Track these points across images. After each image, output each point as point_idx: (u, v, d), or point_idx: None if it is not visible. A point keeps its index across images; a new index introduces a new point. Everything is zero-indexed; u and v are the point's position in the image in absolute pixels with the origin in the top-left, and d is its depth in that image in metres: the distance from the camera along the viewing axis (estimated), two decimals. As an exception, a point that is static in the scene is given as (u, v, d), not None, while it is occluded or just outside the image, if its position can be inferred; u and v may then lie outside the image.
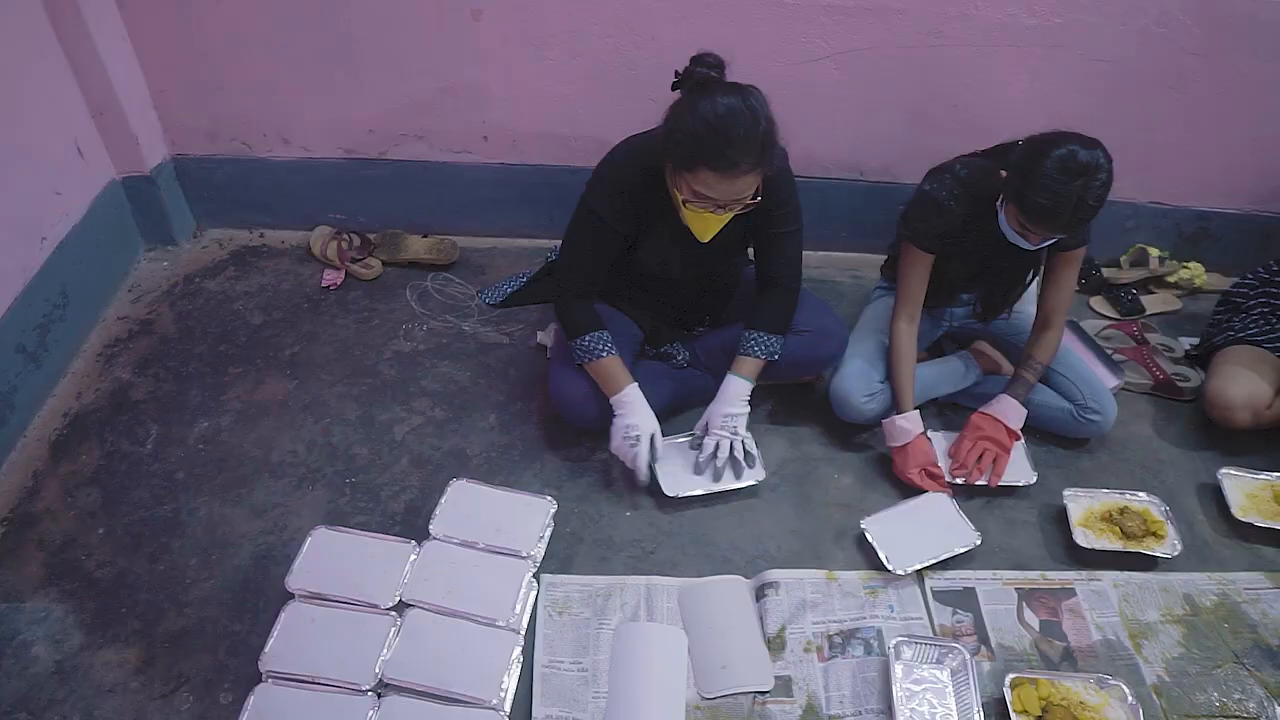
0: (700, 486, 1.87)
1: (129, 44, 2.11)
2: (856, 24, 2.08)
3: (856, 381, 1.95)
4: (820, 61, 2.12)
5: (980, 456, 1.94)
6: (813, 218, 1.99)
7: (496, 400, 2.08)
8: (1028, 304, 2.12)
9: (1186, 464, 2.07)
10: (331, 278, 2.31)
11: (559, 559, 1.78)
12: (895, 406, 1.95)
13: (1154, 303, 2.43)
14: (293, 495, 1.86)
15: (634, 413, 1.83)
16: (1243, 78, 2.17)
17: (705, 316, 2.07)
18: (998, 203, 1.77)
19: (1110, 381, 2.17)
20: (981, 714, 1.56)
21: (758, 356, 1.87)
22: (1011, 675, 1.62)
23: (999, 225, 1.78)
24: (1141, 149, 2.30)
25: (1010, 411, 1.97)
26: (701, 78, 1.58)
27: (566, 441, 1.99)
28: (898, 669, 1.61)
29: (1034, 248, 1.77)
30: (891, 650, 1.61)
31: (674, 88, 1.61)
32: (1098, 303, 2.43)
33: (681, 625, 1.70)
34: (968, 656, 1.62)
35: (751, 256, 1.95)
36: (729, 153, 1.54)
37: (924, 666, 1.63)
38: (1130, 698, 1.59)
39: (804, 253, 1.92)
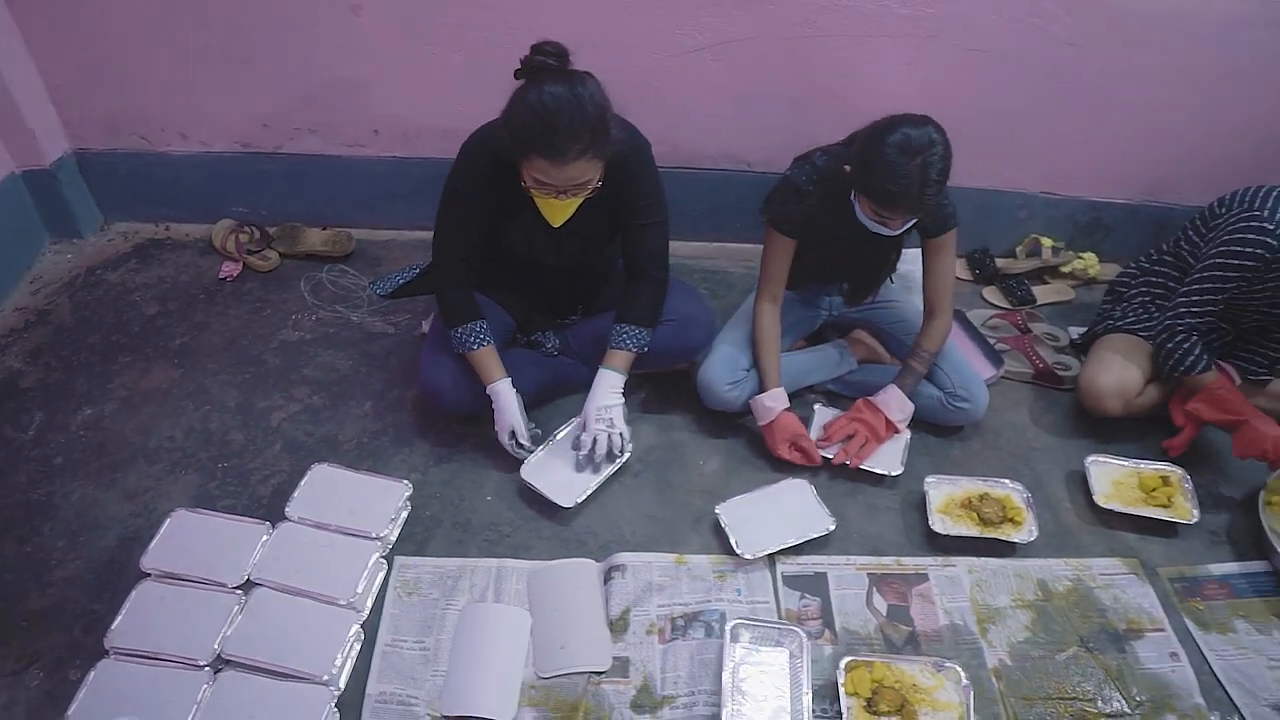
0: (587, 485, 1.88)
1: (19, 38, 2.15)
2: (729, 15, 2.10)
3: (720, 369, 1.97)
4: (697, 53, 2.15)
5: (851, 436, 1.97)
6: (705, 209, 2.03)
7: (375, 388, 2.11)
8: (911, 293, 2.14)
9: (1059, 451, 2.07)
10: (229, 270, 2.36)
11: (416, 541, 1.81)
12: (760, 386, 1.98)
13: (1047, 293, 2.43)
14: (165, 479, 1.90)
15: (503, 410, 1.88)
16: (1121, 67, 2.18)
17: (578, 305, 2.09)
18: (850, 197, 1.79)
19: (988, 372, 2.18)
20: (810, 695, 1.57)
21: (628, 349, 1.90)
22: (848, 658, 1.63)
23: (857, 215, 1.81)
24: (1028, 139, 2.32)
25: (893, 402, 1.98)
26: (538, 66, 1.61)
27: (436, 427, 2.02)
28: (736, 651, 1.62)
29: (896, 233, 1.79)
30: (728, 632, 1.63)
31: (516, 76, 1.65)
32: (990, 293, 2.44)
33: (528, 607, 1.74)
34: (804, 639, 1.64)
35: None
36: (556, 140, 1.57)
37: (762, 649, 1.65)
38: (964, 680, 1.60)
39: (698, 244, 1.95)
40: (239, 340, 2.21)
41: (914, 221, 1.77)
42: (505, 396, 1.87)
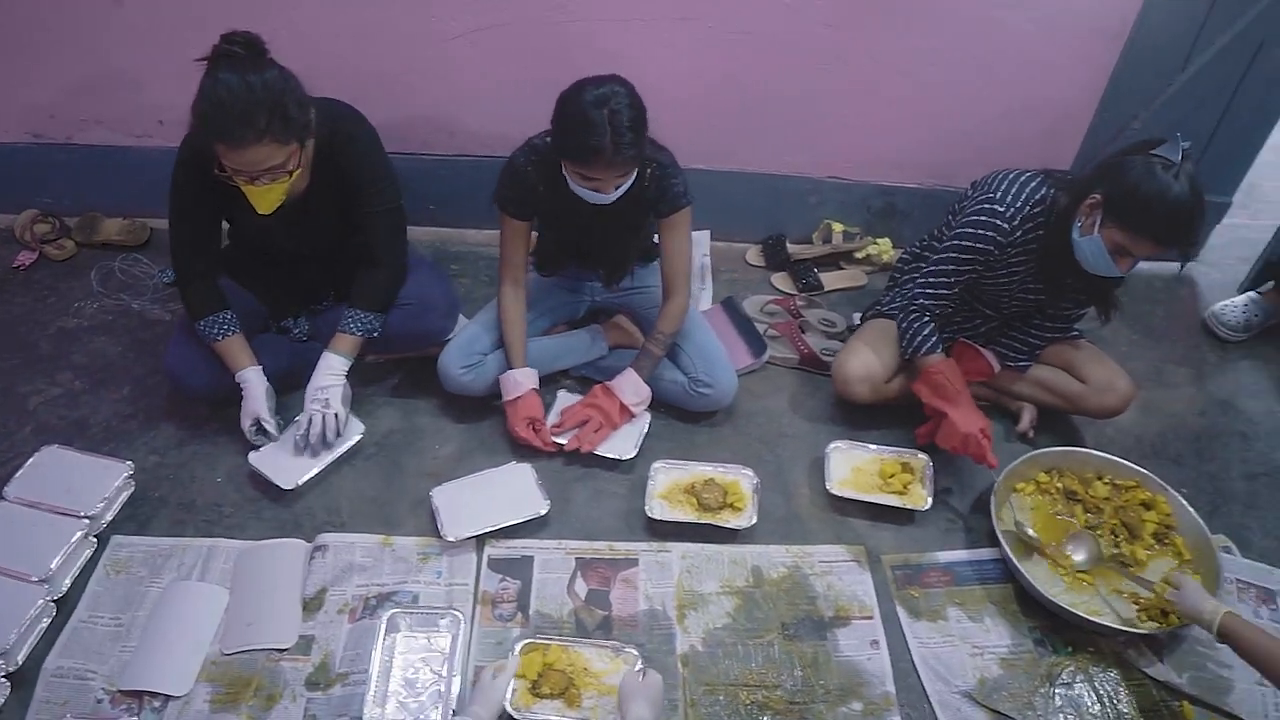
0: (308, 468, 1.89)
1: None
2: (482, 1, 2.09)
3: (455, 354, 1.97)
4: (456, 40, 2.15)
5: (585, 422, 1.96)
6: (486, 196, 2.02)
7: (138, 374, 2.14)
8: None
9: (811, 437, 2.04)
10: (23, 258, 2.39)
11: (139, 521, 1.83)
12: (509, 365, 1.97)
13: (839, 279, 2.39)
14: (-88, 461, 1.96)
15: (249, 398, 1.90)
16: (889, 49, 2.14)
17: (330, 291, 2.11)
18: (563, 170, 1.79)
19: (745, 359, 2.15)
20: (460, 678, 1.57)
21: (355, 334, 1.90)
22: (525, 641, 1.62)
23: (572, 188, 1.79)
24: (806, 123, 2.29)
25: (627, 386, 1.97)
26: (222, 54, 1.63)
27: (184, 411, 2.04)
28: (396, 639, 1.63)
29: (609, 198, 1.77)
30: (384, 620, 1.63)
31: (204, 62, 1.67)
32: (780, 279, 2.41)
33: (229, 586, 1.75)
34: (461, 622, 1.64)
35: None
36: (229, 125, 1.58)
37: (420, 633, 1.64)
38: (638, 665, 1.58)
39: (487, 232, 1.96)
40: (17, 328, 2.25)
41: (629, 187, 1.76)
42: (253, 385, 1.90)
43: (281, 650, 1.64)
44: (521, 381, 1.94)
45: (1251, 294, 2.37)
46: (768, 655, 1.67)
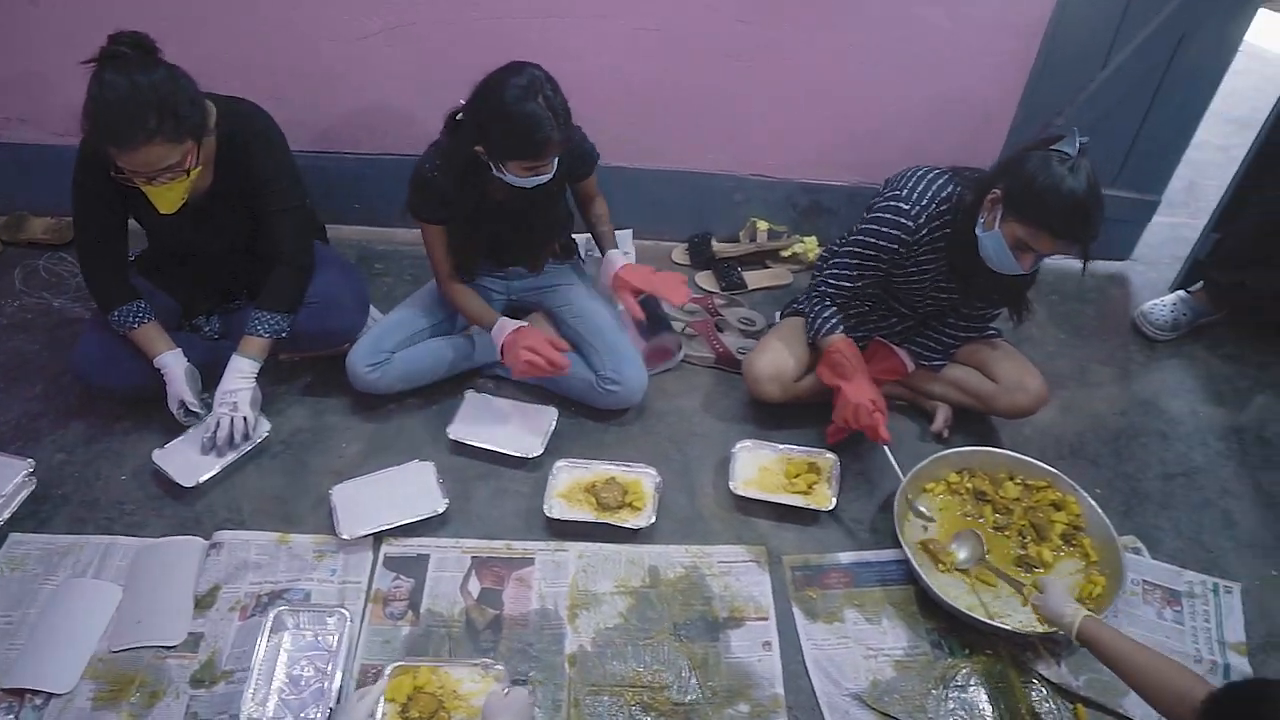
0: (210, 467, 1.88)
1: None
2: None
3: (362, 351, 1.96)
4: (372, 39, 2.14)
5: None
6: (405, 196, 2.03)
7: (53, 372, 2.13)
8: (582, 280, 2.14)
9: (721, 437, 2.02)
10: (-51, 257, 2.42)
11: (39, 518, 1.83)
12: (487, 329, 1.96)
13: (764, 277, 2.38)
14: None
15: (170, 381, 1.90)
16: (804, 46, 2.12)
17: (243, 290, 2.10)
18: (496, 171, 1.78)
19: (657, 359, 2.14)
20: (341, 678, 1.55)
21: (262, 335, 1.90)
22: (395, 664, 1.58)
23: (510, 181, 1.79)
24: (726, 120, 2.28)
25: (615, 258, 2.02)
26: (110, 55, 1.63)
27: (96, 409, 2.03)
28: (284, 637, 1.62)
29: (550, 176, 1.78)
30: (270, 618, 1.62)
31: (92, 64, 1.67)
32: (704, 278, 2.39)
33: (124, 583, 1.75)
34: (348, 620, 1.63)
35: None
36: (118, 128, 1.58)
37: (309, 630, 1.63)
38: (505, 683, 1.54)
39: (405, 230, 1.96)
40: (-64, 327, 2.27)
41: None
42: (172, 368, 1.90)
43: (169, 648, 1.63)
44: (507, 325, 1.92)
45: (1181, 293, 2.34)
46: (657, 656, 1.65)
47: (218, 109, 1.81)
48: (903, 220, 1.79)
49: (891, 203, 1.81)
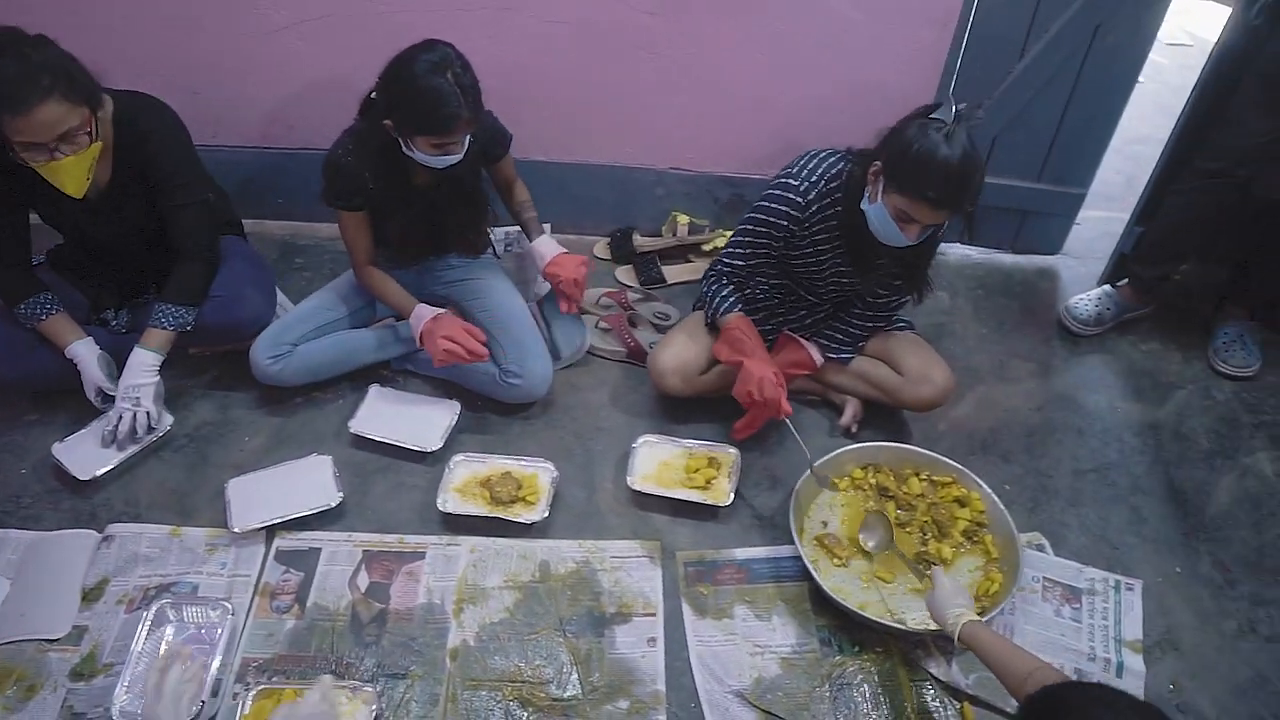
0: (109, 460, 1.88)
1: None
2: (297, -8, 2.09)
3: (264, 344, 1.95)
4: (283, 33, 2.14)
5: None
6: None
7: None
8: (495, 275, 2.13)
9: (626, 431, 2.00)
10: None
11: (-67, 515, 1.85)
12: (403, 315, 1.98)
13: (682, 271, 2.36)
14: None
15: (83, 369, 1.90)
16: (713, 38, 2.11)
17: (152, 284, 2.10)
18: (405, 149, 1.77)
19: (566, 350, 2.13)
20: (219, 663, 1.53)
21: (165, 328, 1.89)
22: (260, 686, 1.55)
23: (420, 161, 1.79)
24: (640, 114, 2.26)
25: (543, 247, 2.08)
26: None
27: (2, 403, 2.03)
28: (166, 630, 1.61)
29: (460, 155, 1.78)
30: (151, 611, 1.61)
31: None
32: (624, 273, 2.38)
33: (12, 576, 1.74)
34: (230, 614, 1.62)
35: None
36: (12, 91, 1.57)
37: (191, 624, 1.62)
38: (374, 707, 1.51)
39: (328, 225, 1.95)
40: None
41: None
42: (84, 357, 1.90)
43: (51, 641, 1.62)
44: (422, 314, 1.92)
45: (1106, 288, 2.31)
46: (540, 651, 1.64)
47: (116, 103, 1.81)
48: (791, 197, 1.78)
49: (782, 179, 1.80)
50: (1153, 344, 2.31)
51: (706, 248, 2.36)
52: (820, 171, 1.78)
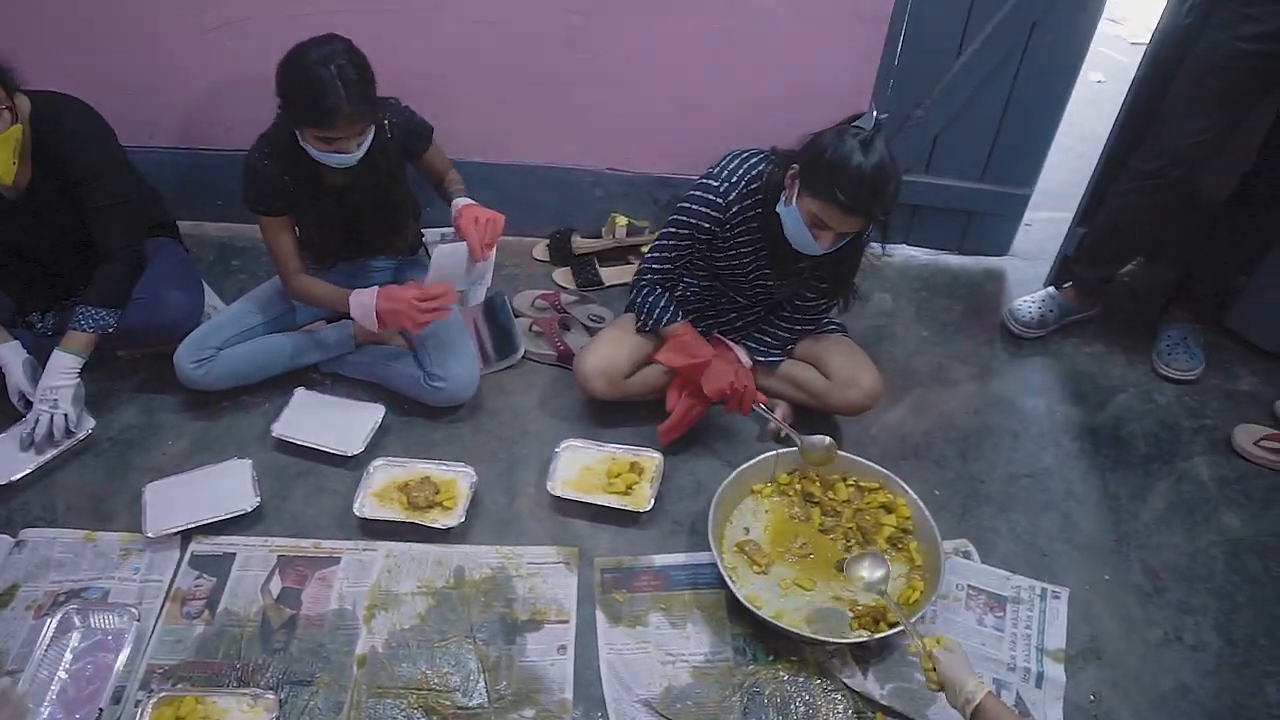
0: (26, 465, 1.87)
1: None
2: (228, -7, 2.08)
3: (188, 348, 1.94)
4: (212, 34, 2.13)
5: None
6: None
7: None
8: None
9: (552, 436, 1.98)
10: None
11: None
12: (337, 308, 1.92)
13: (619, 274, 2.33)
14: None
15: (10, 374, 1.89)
16: (640, 37, 2.08)
17: (79, 286, 2.09)
18: (301, 144, 1.76)
19: (492, 359, 2.11)
20: (118, 669, 1.53)
21: (86, 330, 1.88)
22: (161, 693, 1.53)
23: (315, 157, 1.77)
24: (575, 114, 2.24)
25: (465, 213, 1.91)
26: None
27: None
28: (72, 635, 1.60)
29: (353, 157, 1.75)
30: (56, 617, 1.60)
31: None
32: (561, 275, 2.36)
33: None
34: (136, 620, 1.61)
35: None
36: None
37: (98, 630, 1.61)
38: (275, 712, 1.50)
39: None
40: None
41: (370, 142, 1.75)
42: (10, 361, 1.89)
43: (-55, 649, 1.63)
44: (363, 295, 1.85)
45: (1050, 290, 2.27)
46: (449, 658, 1.62)
47: (34, 103, 1.80)
48: (712, 198, 1.76)
49: (703, 180, 1.78)
50: (1097, 347, 2.27)
51: (645, 249, 2.34)
52: (741, 172, 1.76)
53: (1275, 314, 2.18)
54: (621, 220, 2.31)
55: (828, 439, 1.83)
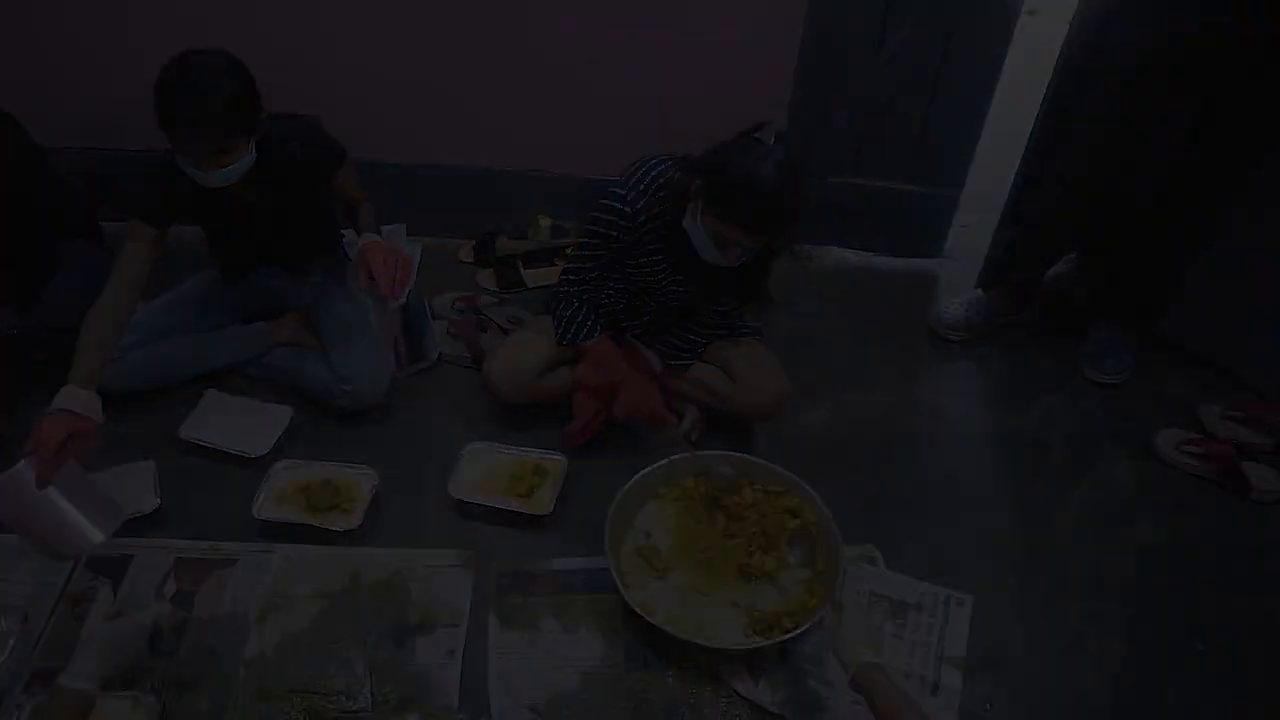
0: None
1: None
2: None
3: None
4: (125, 31, 2.13)
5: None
6: None
7: None
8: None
9: (461, 438, 1.94)
10: None
11: None
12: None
13: (543, 275, 2.32)
14: None
15: None
16: (565, 36, 2.07)
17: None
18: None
19: (414, 357, 2.10)
20: (9, 681, 1.53)
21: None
22: (42, 697, 1.51)
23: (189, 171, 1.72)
24: (493, 114, 2.23)
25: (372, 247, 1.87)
26: None
27: None
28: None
29: (223, 177, 1.66)
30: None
31: None
32: (485, 277, 2.34)
33: None
34: (22, 622, 1.60)
35: None
36: None
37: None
38: (155, 715, 1.49)
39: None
40: None
41: (250, 164, 1.68)
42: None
43: None
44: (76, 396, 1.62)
45: (978, 293, 2.24)
46: (336, 662, 1.60)
47: None
48: (619, 206, 1.74)
49: (612, 189, 1.76)
50: (1027, 350, 2.24)
51: (569, 250, 2.32)
52: (648, 181, 1.73)
53: (1203, 316, 2.14)
54: (546, 222, 2.30)
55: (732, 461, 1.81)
